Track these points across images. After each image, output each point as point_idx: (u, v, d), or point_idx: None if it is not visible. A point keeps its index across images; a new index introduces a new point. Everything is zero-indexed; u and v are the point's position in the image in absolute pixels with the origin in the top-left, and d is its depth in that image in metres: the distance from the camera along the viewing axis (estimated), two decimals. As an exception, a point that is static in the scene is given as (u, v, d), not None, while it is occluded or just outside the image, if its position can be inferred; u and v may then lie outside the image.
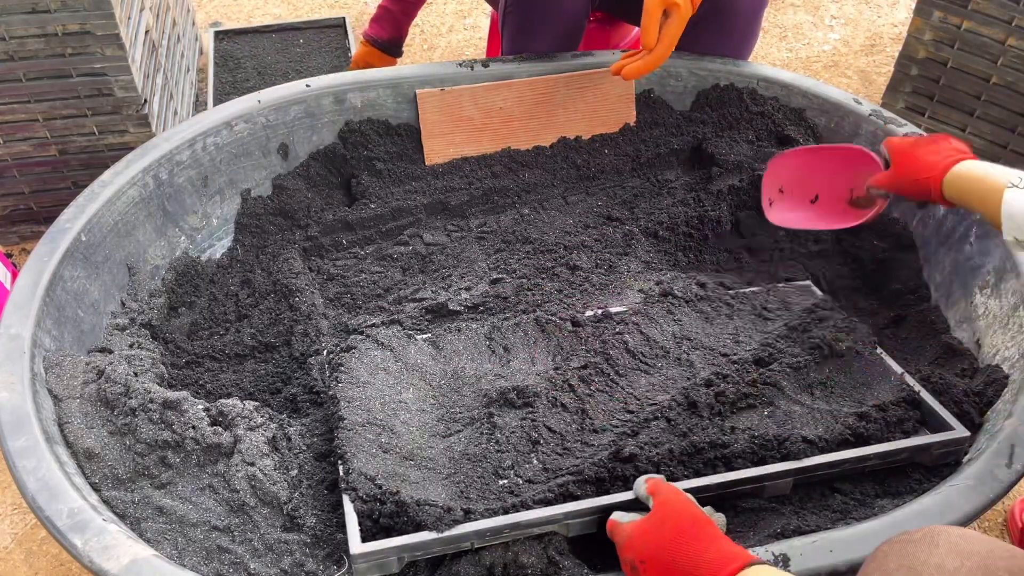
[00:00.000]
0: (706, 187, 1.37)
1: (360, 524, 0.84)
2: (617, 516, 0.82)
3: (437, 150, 1.39)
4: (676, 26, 1.25)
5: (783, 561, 0.79)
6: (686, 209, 1.35)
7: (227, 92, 1.93)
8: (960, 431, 0.96)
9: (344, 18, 2.17)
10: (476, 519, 0.84)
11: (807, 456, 0.92)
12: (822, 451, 0.93)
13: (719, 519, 0.84)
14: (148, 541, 0.84)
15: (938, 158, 1.01)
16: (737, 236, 1.34)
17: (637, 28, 1.81)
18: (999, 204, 0.89)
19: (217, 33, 2.12)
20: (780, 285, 1.21)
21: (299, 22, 2.18)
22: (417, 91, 1.35)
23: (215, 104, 1.89)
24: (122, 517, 0.86)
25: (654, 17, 1.25)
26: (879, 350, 1.07)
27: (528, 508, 0.85)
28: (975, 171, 0.96)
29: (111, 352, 1.04)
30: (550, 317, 1.12)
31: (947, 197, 0.99)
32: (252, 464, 0.89)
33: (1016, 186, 0.90)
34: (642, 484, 0.83)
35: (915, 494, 0.92)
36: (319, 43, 2.12)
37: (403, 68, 1.40)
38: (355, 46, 2.10)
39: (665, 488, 0.80)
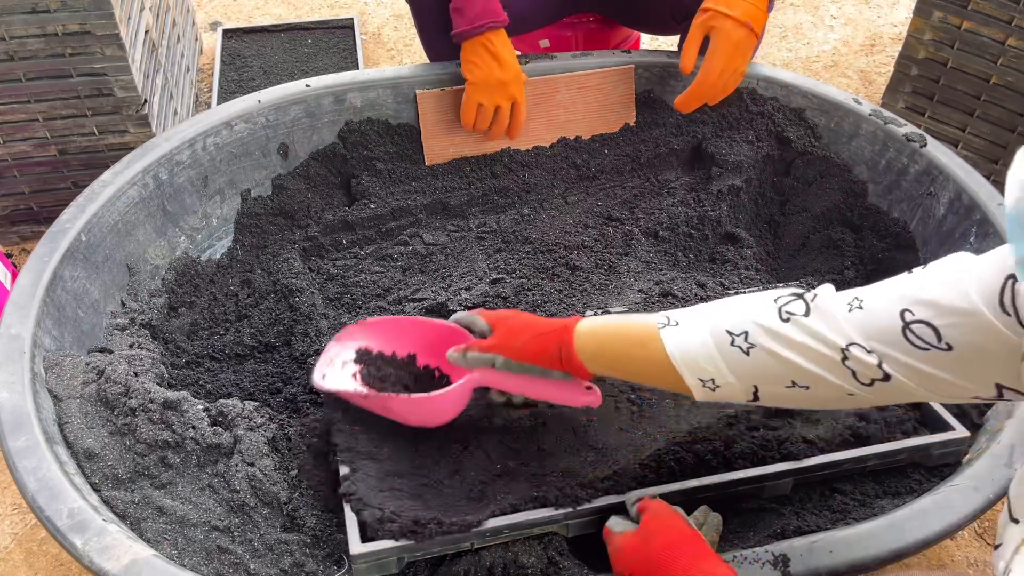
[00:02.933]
0: (706, 187, 1.37)
1: (360, 524, 0.84)
2: (611, 523, 0.81)
3: (437, 150, 1.39)
4: (719, 52, 1.23)
5: (783, 561, 0.79)
6: (686, 209, 1.35)
7: (232, 91, 1.94)
8: (960, 431, 0.96)
9: (353, 19, 2.18)
10: (477, 520, 0.84)
11: (807, 456, 0.92)
12: (822, 451, 0.93)
13: (715, 519, 0.84)
14: (148, 541, 0.84)
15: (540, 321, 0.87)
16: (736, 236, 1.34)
17: (635, 32, 1.80)
18: (660, 355, 0.75)
19: (225, 31, 2.13)
20: (779, 285, 1.21)
21: (308, 22, 2.18)
22: (417, 92, 1.35)
23: (219, 102, 1.89)
24: (122, 517, 0.86)
25: (692, 40, 1.25)
26: None
27: (528, 508, 0.85)
28: (604, 325, 0.81)
29: (111, 352, 1.04)
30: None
31: (582, 356, 0.81)
32: (252, 464, 0.89)
33: (668, 324, 0.76)
34: (633, 504, 0.83)
35: (915, 494, 0.92)
36: (327, 43, 2.12)
37: (403, 68, 1.39)
38: (362, 47, 2.10)
39: (654, 505, 0.80)
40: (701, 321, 0.75)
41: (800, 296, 0.72)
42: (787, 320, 0.70)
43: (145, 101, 1.48)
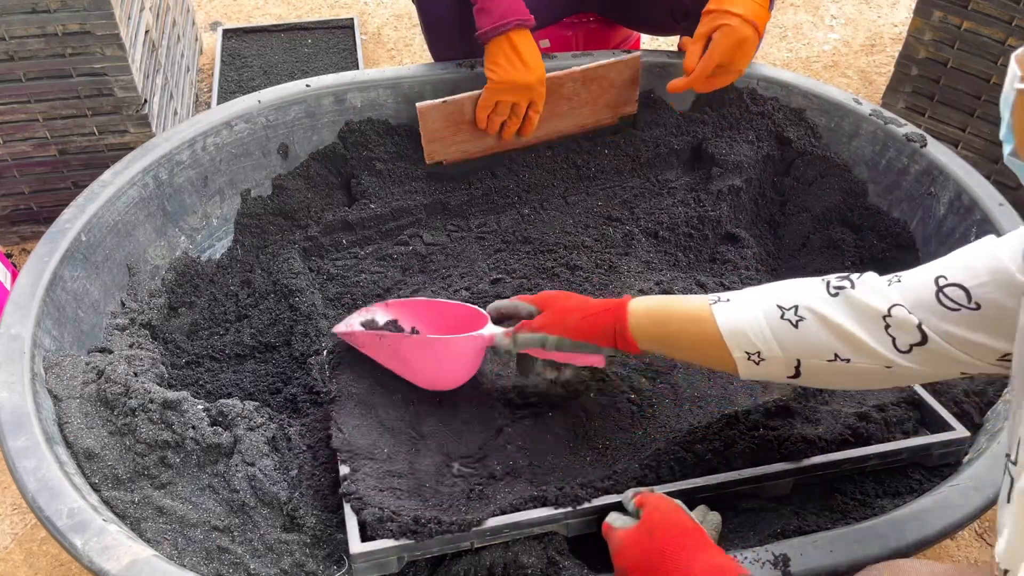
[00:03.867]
0: (706, 187, 1.37)
1: (360, 524, 0.84)
2: (611, 519, 0.81)
3: (438, 151, 1.38)
4: (722, 45, 1.23)
5: (783, 561, 0.79)
6: (686, 209, 1.35)
7: (232, 91, 1.93)
8: (960, 431, 0.96)
9: (353, 19, 2.17)
10: (477, 519, 0.84)
11: (807, 456, 0.92)
12: (822, 451, 0.93)
13: (714, 518, 0.84)
14: (148, 541, 0.84)
15: (589, 300, 0.90)
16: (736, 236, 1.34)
17: (635, 32, 1.80)
18: (710, 330, 0.79)
19: (225, 31, 2.13)
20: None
21: (308, 22, 2.18)
22: (417, 105, 1.30)
23: (219, 102, 1.89)
24: (122, 517, 0.86)
25: (697, 39, 1.26)
26: None
27: (528, 508, 0.85)
28: (657, 304, 0.85)
29: (111, 352, 1.04)
30: (550, 317, 1.12)
31: (635, 334, 0.84)
32: (252, 464, 0.89)
33: (719, 301, 0.81)
34: (631, 498, 0.82)
35: (915, 494, 0.92)
36: (327, 43, 2.12)
37: (403, 68, 1.39)
38: (362, 47, 2.09)
39: (653, 498, 0.80)
40: (752, 298, 0.80)
41: (846, 276, 0.78)
42: (835, 295, 0.76)
43: (145, 101, 1.48)
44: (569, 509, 0.85)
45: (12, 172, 1.51)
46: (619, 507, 0.85)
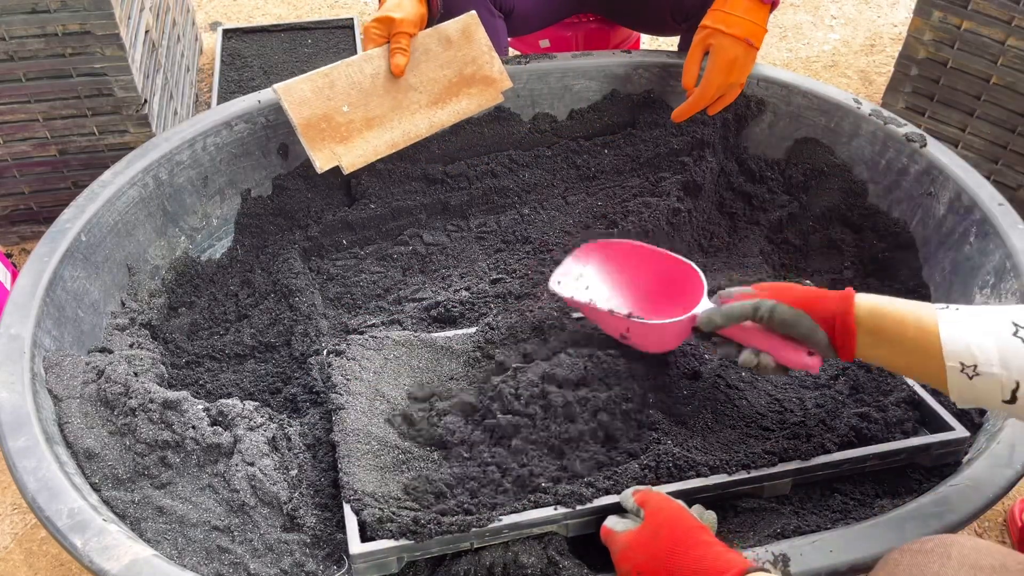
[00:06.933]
0: (704, 187, 1.37)
1: (359, 524, 0.84)
2: (611, 523, 0.81)
3: (339, 151, 1.24)
4: (718, 68, 1.25)
5: (783, 561, 0.79)
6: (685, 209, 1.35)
7: (232, 91, 1.94)
8: (960, 431, 0.96)
9: (353, 19, 2.18)
10: (477, 519, 0.84)
11: (807, 456, 0.92)
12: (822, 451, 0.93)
13: (710, 517, 0.84)
14: (148, 541, 0.84)
15: (811, 291, 0.88)
16: (733, 235, 1.34)
17: (635, 32, 1.80)
18: (929, 332, 0.76)
19: (225, 31, 2.13)
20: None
21: (308, 22, 2.18)
22: (275, 88, 1.21)
23: (219, 102, 1.89)
24: (122, 517, 0.86)
25: (692, 57, 1.28)
26: None
27: (528, 508, 0.85)
28: (885, 299, 0.82)
29: (111, 352, 1.04)
30: (550, 317, 1.12)
31: (858, 319, 0.82)
32: (252, 464, 0.89)
33: (948, 308, 0.77)
34: (630, 496, 0.82)
35: (915, 494, 0.92)
36: (327, 43, 2.12)
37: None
38: (362, 47, 2.09)
39: (655, 497, 0.80)
40: (986, 311, 0.75)
41: None
42: None
43: (145, 101, 1.48)
44: (569, 509, 0.85)
45: (12, 172, 1.51)
46: (619, 508, 0.85)
